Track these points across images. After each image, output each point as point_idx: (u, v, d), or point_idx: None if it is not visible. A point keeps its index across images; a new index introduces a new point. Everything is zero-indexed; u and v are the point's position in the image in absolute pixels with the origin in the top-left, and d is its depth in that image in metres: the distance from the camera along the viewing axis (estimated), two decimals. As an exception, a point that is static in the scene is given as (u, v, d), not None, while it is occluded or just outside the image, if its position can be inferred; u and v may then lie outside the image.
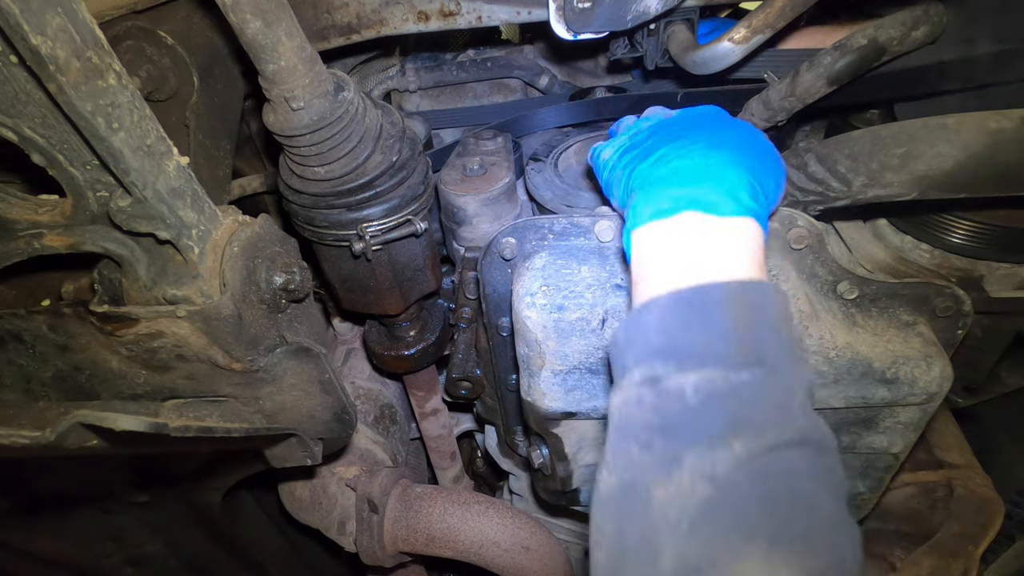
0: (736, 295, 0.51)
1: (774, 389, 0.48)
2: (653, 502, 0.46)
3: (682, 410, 0.48)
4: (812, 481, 0.46)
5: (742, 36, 0.84)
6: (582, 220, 0.79)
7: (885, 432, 0.85)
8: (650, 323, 0.52)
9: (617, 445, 0.51)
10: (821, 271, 0.80)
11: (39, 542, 1.39)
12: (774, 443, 0.46)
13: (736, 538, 0.43)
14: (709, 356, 0.49)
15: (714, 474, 0.45)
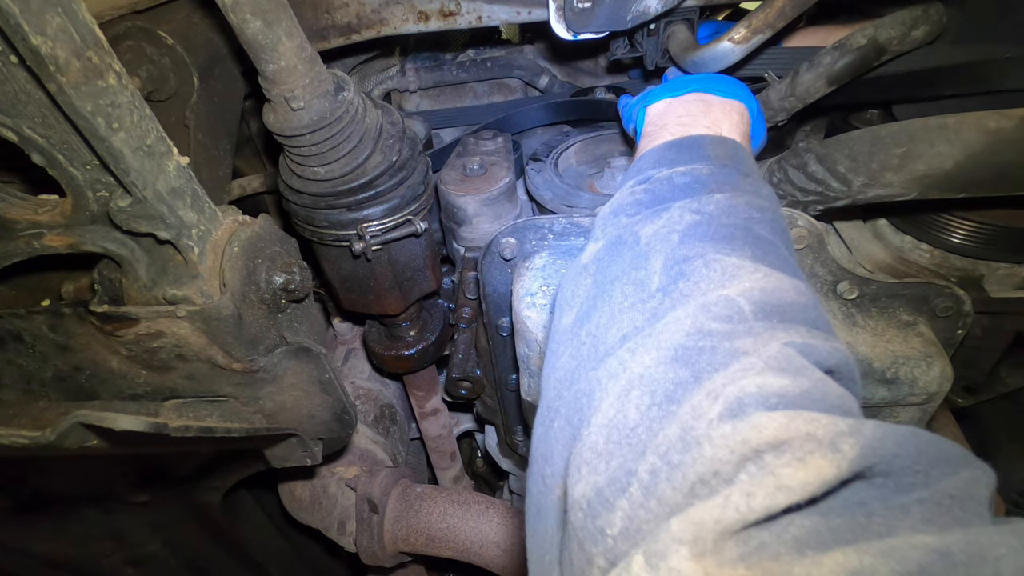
0: (718, 141, 0.61)
1: (748, 183, 0.55)
2: (642, 237, 0.49)
3: (671, 188, 0.54)
4: (786, 248, 0.51)
5: (742, 36, 0.84)
6: (582, 220, 0.79)
7: (885, 432, 0.85)
8: (644, 160, 0.61)
9: (603, 223, 0.55)
10: (821, 271, 0.80)
11: (39, 542, 1.39)
12: (749, 203, 0.51)
13: (722, 246, 0.47)
14: (696, 161, 0.57)
15: (700, 209, 0.50)
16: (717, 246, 0.46)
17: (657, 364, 0.38)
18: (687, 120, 0.65)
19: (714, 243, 0.47)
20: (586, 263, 0.52)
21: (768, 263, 0.46)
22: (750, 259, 0.45)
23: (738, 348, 0.37)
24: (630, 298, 0.45)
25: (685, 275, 0.44)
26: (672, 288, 0.44)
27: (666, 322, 0.41)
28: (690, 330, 0.39)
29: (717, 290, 0.42)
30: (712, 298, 0.41)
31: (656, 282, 0.45)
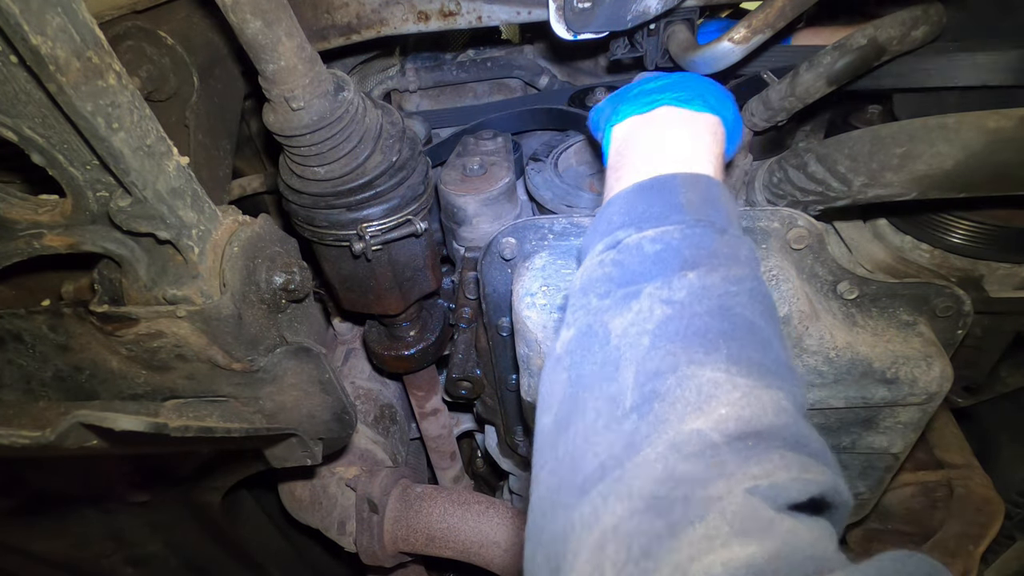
0: (691, 181, 0.56)
1: (723, 243, 0.51)
2: (612, 334, 0.47)
3: (641, 260, 0.51)
4: (764, 326, 0.48)
5: (742, 36, 0.84)
6: (582, 220, 0.79)
7: (885, 432, 0.85)
8: (614, 209, 0.57)
9: (575, 303, 0.52)
10: (821, 271, 0.80)
11: (39, 542, 1.39)
12: (725, 278, 0.48)
13: (695, 350, 0.44)
14: (665, 219, 0.53)
15: (671, 298, 0.47)
16: (690, 351, 0.44)
17: (631, 515, 0.38)
18: (655, 150, 0.60)
19: (687, 346, 0.44)
20: (560, 355, 0.51)
21: (745, 362, 0.44)
22: (725, 363, 0.43)
23: (711, 495, 0.37)
24: (604, 416, 0.44)
25: (659, 395, 0.42)
26: (646, 409, 0.42)
27: (638, 463, 0.40)
28: (662, 476, 0.39)
29: (690, 421, 0.41)
30: (684, 433, 0.40)
31: (629, 399, 0.43)
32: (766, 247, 0.79)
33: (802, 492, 0.38)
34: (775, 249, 0.79)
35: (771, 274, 0.78)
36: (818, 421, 0.83)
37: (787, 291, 0.78)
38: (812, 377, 0.79)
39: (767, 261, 0.79)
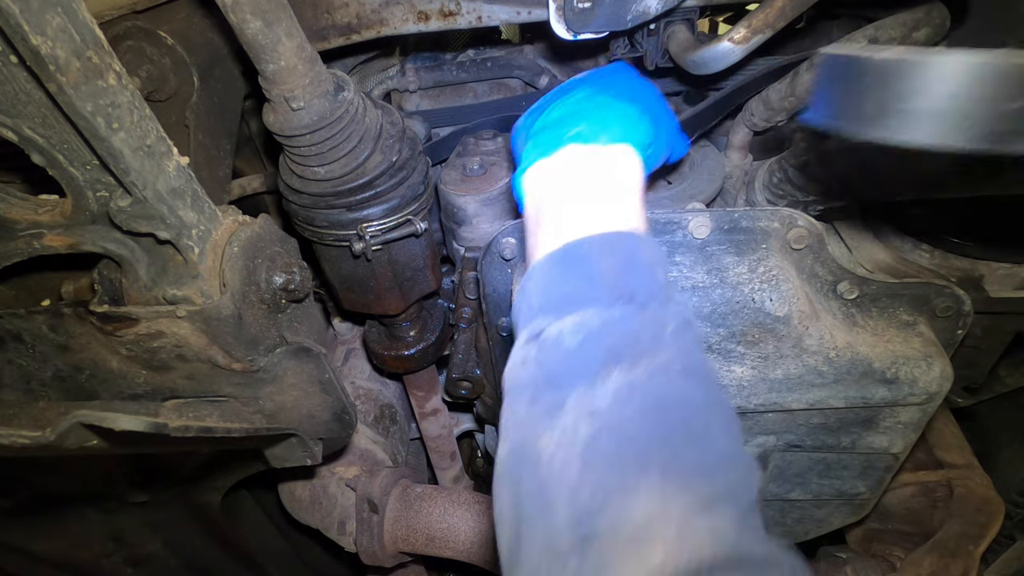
0: (604, 246, 0.52)
1: (645, 322, 0.48)
2: (542, 456, 0.45)
3: (562, 356, 0.48)
4: (700, 411, 0.45)
5: (742, 36, 0.84)
6: (582, 220, 0.79)
7: (885, 432, 0.85)
8: (531, 288, 0.54)
9: (507, 410, 0.50)
10: (821, 271, 0.80)
11: (39, 542, 1.39)
12: (651, 369, 0.45)
13: (627, 472, 0.42)
14: (582, 300, 0.49)
15: (595, 409, 0.44)
16: (623, 475, 0.41)
17: None
18: (563, 208, 0.55)
19: (619, 469, 0.42)
20: (501, 471, 0.48)
21: (682, 470, 0.41)
22: (660, 482, 0.41)
23: None
24: (543, 553, 0.42)
25: (593, 538, 0.40)
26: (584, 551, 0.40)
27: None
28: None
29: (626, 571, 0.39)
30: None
31: (565, 541, 0.41)
32: (766, 247, 0.79)
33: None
34: (775, 249, 0.79)
35: (771, 274, 0.78)
36: (818, 421, 0.83)
37: (787, 291, 0.78)
38: (812, 377, 0.79)
39: (767, 261, 0.79)
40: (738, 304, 0.79)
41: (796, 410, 0.81)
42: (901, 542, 1.18)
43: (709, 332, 0.80)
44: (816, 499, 0.95)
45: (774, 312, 0.78)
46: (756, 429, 0.84)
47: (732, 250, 0.79)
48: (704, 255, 0.79)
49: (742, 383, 0.79)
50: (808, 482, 0.92)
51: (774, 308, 0.78)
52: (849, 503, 0.97)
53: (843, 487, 0.93)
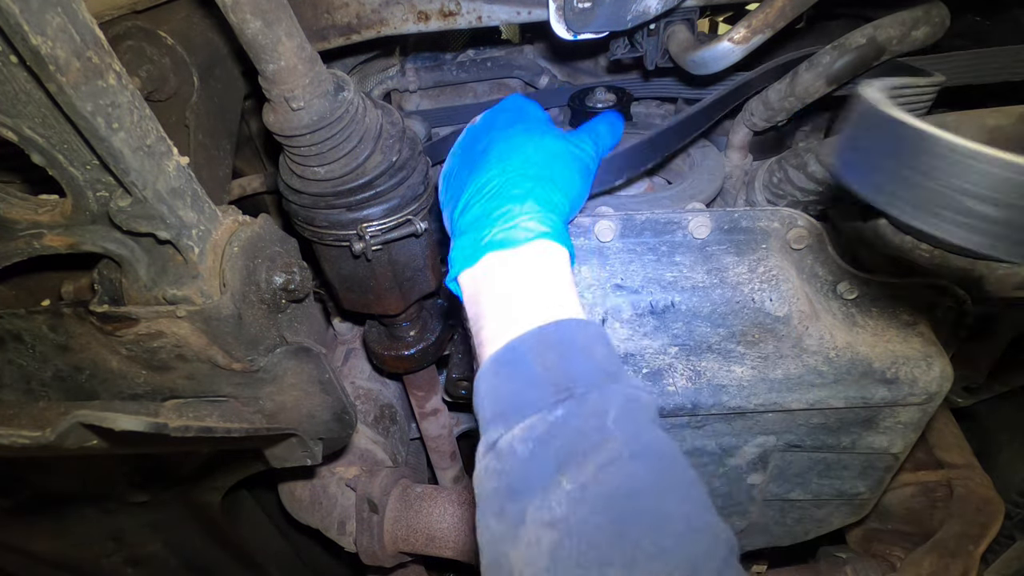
0: (540, 343, 0.53)
1: (587, 416, 0.49)
2: (513, 572, 0.46)
3: (518, 465, 0.49)
4: (652, 495, 0.46)
5: (742, 36, 0.84)
6: (582, 220, 0.79)
7: (885, 432, 0.85)
8: (482, 395, 0.55)
9: (480, 524, 0.51)
10: (821, 271, 0.81)
11: (39, 542, 1.39)
12: (599, 464, 0.46)
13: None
14: (527, 405, 0.50)
15: (553, 519, 0.45)
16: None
17: None
18: (496, 307, 0.57)
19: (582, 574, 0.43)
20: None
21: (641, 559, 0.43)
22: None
23: None
24: None
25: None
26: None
27: None
28: None
29: None
30: None
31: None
32: (766, 247, 0.79)
33: None
34: (775, 249, 0.79)
35: (771, 274, 0.78)
36: (818, 421, 0.83)
37: (787, 291, 0.78)
38: (812, 377, 0.79)
39: (767, 261, 0.79)
40: (738, 304, 0.79)
41: (796, 410, 0.81)
42: (901, 542, 1.18)
43: (709, 332, 0.80)
44: (816, 499, 0.96)
45: (774, 312, 0.78)
46: (756, 429, 0.84)
47: (732, 250, 0.79)
48: (704, 255, 0.79)
49: (742, 383, 0.79)
50: (808, 482, 0.92)
51: (774, 308, 0.78)
52: (849, 503, 0.97)
53: (843, 487, 0.93)
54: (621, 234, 0.79)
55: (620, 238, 0.79)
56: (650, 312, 0.80)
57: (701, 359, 0.80)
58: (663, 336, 0.80)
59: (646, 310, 0.80)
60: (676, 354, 0.80)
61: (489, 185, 0.63)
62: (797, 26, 0.99)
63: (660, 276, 0.80)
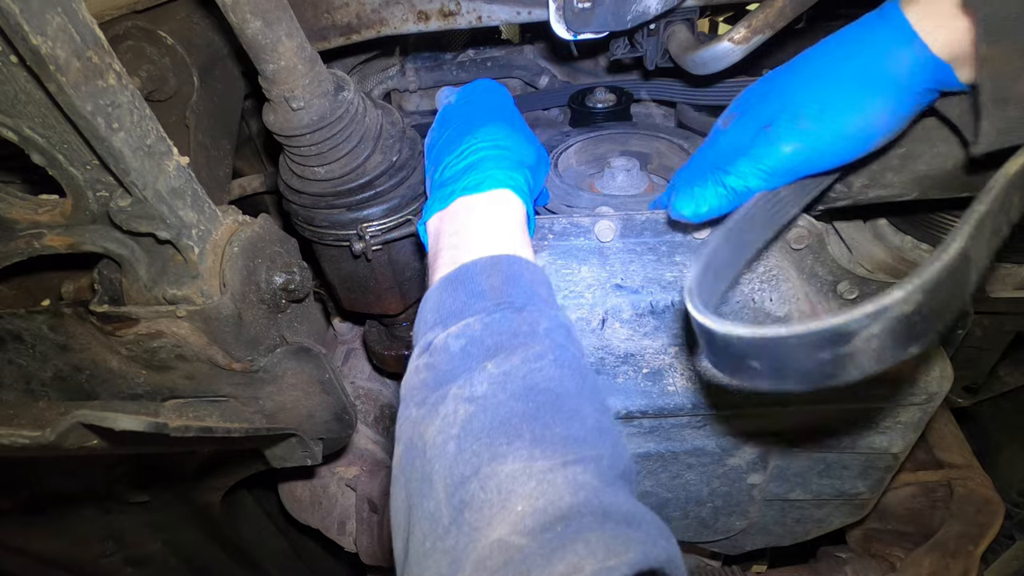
0: (490, 265, 0.58)
1: (521, 321, 0.53)
2: (426, 445, 0.48)
3: (448, 359, 0.52)
4: (571, 396, 0.49)
5: (742, 36, 0.84)
6: (582, 220, 0.79)
7: (885, 432, 0.85)
8: (426, 308, 0.59)
9: (401, 416, 0.53)
10: (821, 271, 0.80)
11: (39, 542, 1.39)
12: (525, 358, 0.49)
13: (497, 443, 0.45)
14: (468, 311, 0.54)
15: (473, 395, 0.48)
16: (493, 446, 0.45)
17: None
18: (456, 240, 0.62)
19: (490, 440, 0.45)
20: (396, 475, 0.51)
21: (549, 440, 0.45)
22: (527, 449, 0.44)
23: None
24: (429, 536, 0.44)
25: (467, 503, 0.43)
26: (460, 520, 0.43)
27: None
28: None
29: (495, 526, 0.41)
30: (487, 547, 0.40)
31: (446, 515, 0.44)
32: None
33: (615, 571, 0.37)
34: (775, 249, 0.79)
35: (771, 274, 0.78)
36: (818, 421, 0.83)
37: (787, 291, 0.78)
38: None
39: (767, 261, 0.79)
40: (738, 304, 0.79)
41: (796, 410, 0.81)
42: (901, 542, 1.18)
43: (709, 332, 0.80)
44: (816, 499, 0.95)
45: (774, 312, 0.78)
46: (756, 429, 0.84)
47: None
48: (704, 255, 0.79)
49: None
50: (808, 482, 0.92)
51: (774, 308, 0.78)
52: (849, 503, 0.97)
53: (843, 487, 0.93)
54: (621, 234, 0.79)
55: (620, 238, 0.79)
56: (650, 312, 0.80)
57: (701, 359, 0.80)
58: (663, 336, 0.80)
59: (646, 310, 0.80)
60: (676, 354, 0.80)
61: (465, 151, 0.70)
62: (797, 26, 0.99)
63: (660, 276, 0.80)
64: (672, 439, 0.85)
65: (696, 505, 0.95)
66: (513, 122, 0.74)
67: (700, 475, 0.90)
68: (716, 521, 0.98)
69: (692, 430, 0.84)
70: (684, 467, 0.89)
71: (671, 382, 0.79)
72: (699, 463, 0.88)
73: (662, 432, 0.84)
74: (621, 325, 0.80)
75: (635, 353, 0.80)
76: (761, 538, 1.04)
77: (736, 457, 0.87)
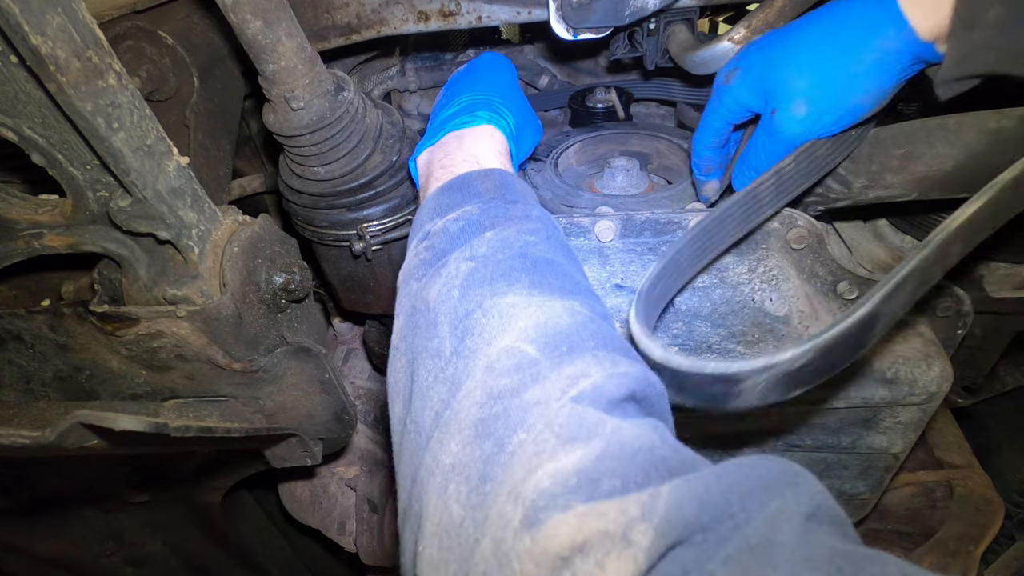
0: (484, 174, 0.62)
1: (516, 209, 0.57)
2: (430, 302, 0.50)
3: (447, 238, 0.55)
4: (563, 264, 0.52)
5: (742, 36, 0.84)
6: (582, 220, 0.79)
7: (885, 432, 0.85)
8: (423, 211, 0.61)
9: (400, 294, 0.55)
10: (821, 271, 0.80)
11: (39, 542, 1.39)
12: (520, 230, 0.54)
13: (499, 285, 0.48)
14: (466, 202, 0.58)
15: (474, 254, 0.51)
16: (494, 287, 0.48)
17: (463, 447, 0.39)
18: (447, 162, 0.66)
19: (491, 285, 0.48)
20: (396, 343, 0.53)
21: (546, 286, 0.48)
22: (526, 289, 0.47)
23: (528, 401, 0.39)
24: (432, 371, 0.46)
25: (469, 331, 0.45)
26: (462, 348, 0.45)
27: (461, 398, 0.41)
28: (482, 399, 0.40)
29: (498, 341, 0.43)
30: (494, 354, 0.42)
31: (448, 347, 0.46)
32: (766, 247, 0.79)
33: (619, 388, 0.40)
34: (775, 249, 0.79)
35: (771, 274, 0.78)
36: (818, 421, 0.83)
37: (787, 291, 0.78)
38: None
39: (767, 261, 0.79)
40: (738, 304, 0.79)
41: (796, 410, 0.81)
42: (901, 542, 1.18)
43: (709, 332, 0.80)
44: (816, 499, 0.96)
45: (774, 312, 0.78)
46: (756, 429, 0.84)
47: (732, 250, 0.79)
48: (704, 255, 0.79)
49: (742, 383, 0.79)
50: (808, 482, 0.92)
51: (774, 308, 0.78)
52: (849, 503, 0.97)
53: (843, 487, 0.93)
54: (621, 234, 0.79)
55: (620, 238, 0.79)
56: (650, 312, 0.80)
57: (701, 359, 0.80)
58: (663, 336, 0.80)
59: (646, 310, 0.80)
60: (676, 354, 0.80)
61: (456, 101, 0.75)
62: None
63: (660, 276, 0.80)
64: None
65: (696, 505, 0.95)
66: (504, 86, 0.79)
67: (700, 475, 0.90)
68: (716, 521, 0.98)
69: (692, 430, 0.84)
70: (684, 467, 0.89)
71: (671, 382, 0.79)
72: (699, 463, 0.88)
73: (662, 432, 0.84)
74: (621, 325, 0.80)
75: (635, 353, 0.80)
76: (761, 538, 1.04)
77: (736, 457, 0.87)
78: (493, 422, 0.38)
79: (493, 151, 0.68)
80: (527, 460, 0.35)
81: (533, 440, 0.36)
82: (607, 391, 0.39)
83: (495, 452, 0.37)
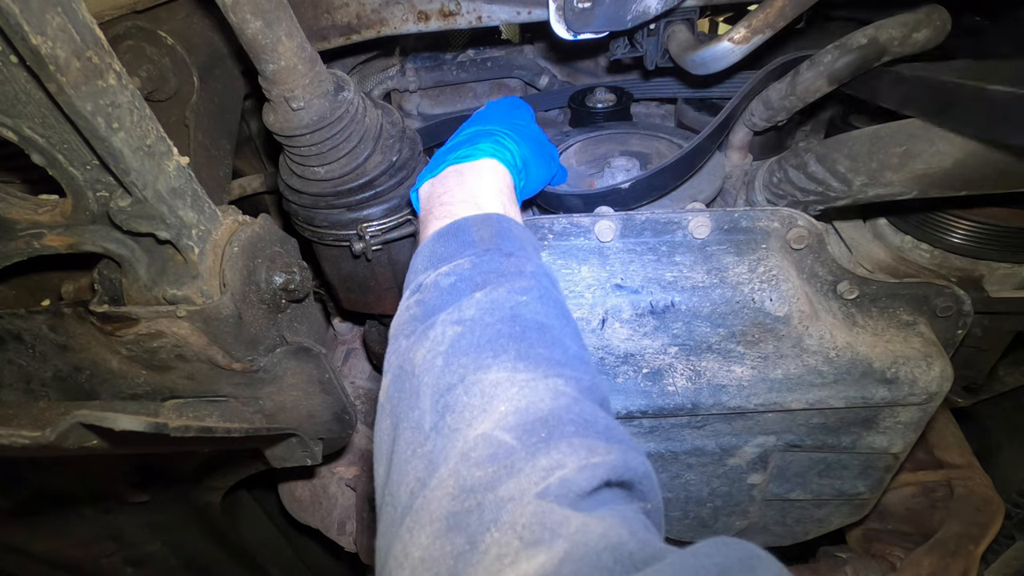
0: (481, 220, 0.61)
1: (510, 264, 0.56)
2: (415, 367, 0.49)
3: (438, 294, 0.54)
4: (554, 327, 0.52)
5: (742, 36, 0.84)
6: (582, 220, 0.79)
7: (885, 432, 0.85)
8: (419, 259, 0.61)
9: (390, 351, 0.55)
10: (821, 271, 0.80)
11: (39, 542, 1.39)
12: (511, 290, 0.53)
13: (484, 356, 0.47)
14: (459, 255, 0.57)
15: (462, 317, 0.50)
16: (479, 358, 0.47)
17: (434, 540, 0.38)
18: (447, 199, 0.65)
19: (476, 355, 0.47)
20: (382, 403, 0.52)
21: (533, 358, 0.47)
22: (511, 363, 0.46)
23: (502, 497, 0.38)
24: (411, 444, 0.45)
25: (450, 407, 0.44)
26: (441, 425, 0.44)
27: (434, 485, 0.40)
28: (455, 491, 0.39)
29: (477, 424, 0.42)
30: (472, 439, 0.41)
31: (428, 421, 0.45)
32: (766, 247, 0.79)
33: (591, 480, 0.38)
34: (775, 249, 0.79)
35: (771, 274, 0.78)
36: (818, 421, 0.83)
37: (787, 291, 0.78)
38: (812, 377, 0.79)
39: (767, 261, 0.79)
40: (738, 304, 0.79)
41: (796, 410, 0.81)
42: (901, 542, 1.18)
43: (709, 332, 0.80)
44: (816, 499, 0.95)
45: (774, 312, 0.78)
46: (756, 429, 0.84)
47: (732, 250, 0.79)
48: (704, 255, 0.79)
49: (742, 383, 0.79)
50: (808, 482, 0.92)
51: (774, 308, 0.78)
52: (849, 503, 0.97)
53: (843, 487, 0.93)
54: (621, 234, 0.79)
55: (620, 238, 0.79)
56: (650, 312, 0.80)
57: (701, 359, 0.80)
58: (663, 336, 0.80)
59: (646, 310, 0.80)
60: (676, 354, 0.80)
61: (467, 130, 0.76)
62: (797, 26, 0.99)
63: (660, 276, 0.80)
64: (672, 439, 0.85)
65: (696, 505, 0.95)
66: (515, 119, 0.78)
67: (700, 475, 0.90)
68: (716, 521, 0.98)
69: (692, 430, 0.84)
70: (684, 467, 0.89)
71: (671, 382, 0.79)
72: (699, 463, 0.88)
73: (662, 432, 0.84)
74: (621, 325, 0.80)
75: (635, 353, 0.80)
76: (761, 538, 1.04)
77: (736, 457, 0.87)
78: (466, 516, 0.38)
79: (494, 189, 0.66)
80: (491, 565, 0.35)
81: (497, 543, 0.36)
82: (576, 484, 0.38)
83: (467, 550, 0.36)
